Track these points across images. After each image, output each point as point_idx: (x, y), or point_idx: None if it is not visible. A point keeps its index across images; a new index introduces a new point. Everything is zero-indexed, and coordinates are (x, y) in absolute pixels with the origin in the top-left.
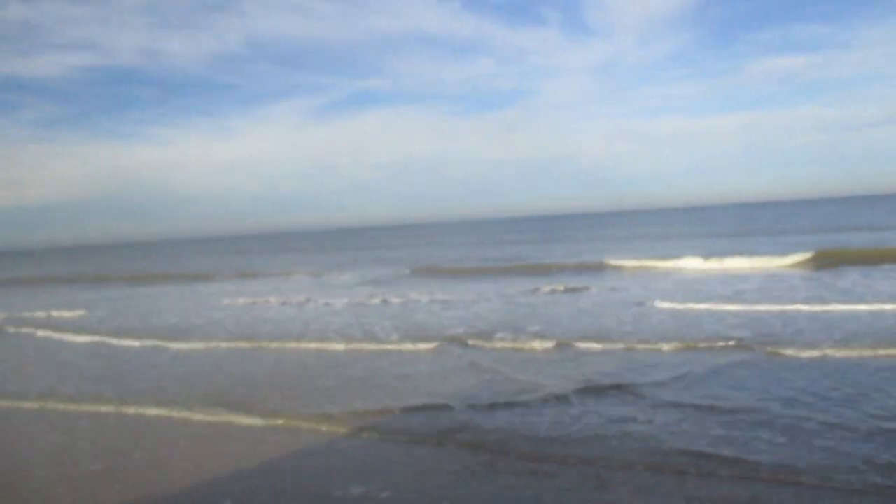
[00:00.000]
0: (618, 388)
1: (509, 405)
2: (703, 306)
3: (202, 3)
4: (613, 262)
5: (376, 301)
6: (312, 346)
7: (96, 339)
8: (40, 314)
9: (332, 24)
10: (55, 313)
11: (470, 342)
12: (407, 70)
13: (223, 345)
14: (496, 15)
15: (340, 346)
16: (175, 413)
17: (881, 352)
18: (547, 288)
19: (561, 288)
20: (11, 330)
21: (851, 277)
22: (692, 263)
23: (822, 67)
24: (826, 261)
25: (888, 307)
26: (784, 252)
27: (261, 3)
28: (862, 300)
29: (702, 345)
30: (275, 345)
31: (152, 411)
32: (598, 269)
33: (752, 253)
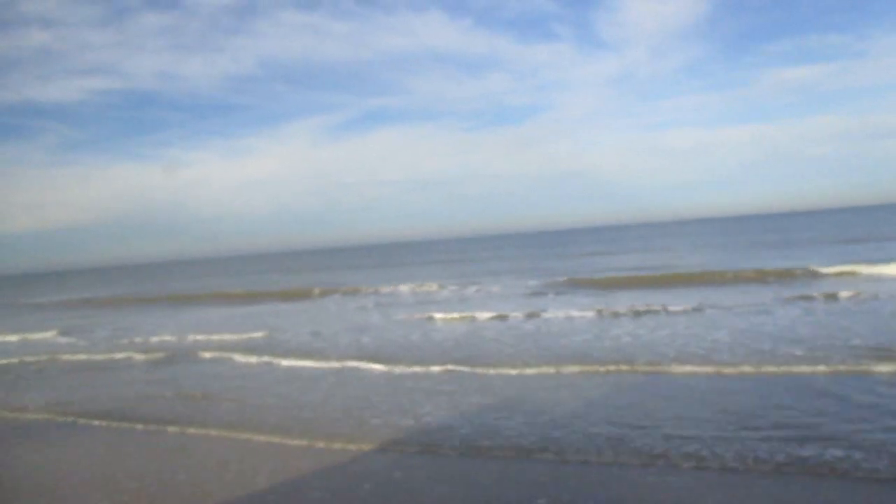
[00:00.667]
0: None
1: None
2: None
3: (218, 26)
4: (819, 268)
5: (621, 311)
6: (728, 370)
7: (356, 364)
8: (201, 337)
9: (346, 44)
10: (218, 337)
11: None
12: (420, 87)
13: (606, 369)
14: (508, 31)
15: (809, 369)
16: None
17: None
18: (818, 293)
19: (842, 293)
20: (207, 356)
21: None
22: None
23: (838, 77)
24: None
25: None
26: None
27: (275, 24)
28: None
29: None
30: (650, 368)
31: None
32: (814, 276)
33: None
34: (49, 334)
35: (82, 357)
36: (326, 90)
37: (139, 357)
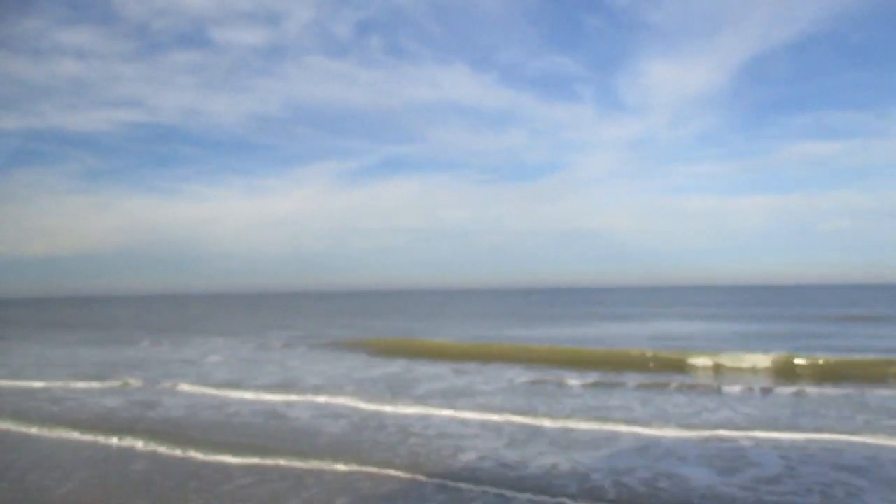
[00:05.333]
0: None
1: None
2: None
3: (246, 67)
4: None
5: None
6: None
7: None
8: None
9: (370, 92)
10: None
11: None
12: (440, 137)
13: None
14: (531, 89)
15: None
16: None
17: None
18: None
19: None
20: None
21: None
22: None
23: (856, 154)
24: None
25: None
26: None
27: (303, 69)
28: None
29: None
30: None
31: None
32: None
33: None
34: None
35: None
36: (347, 135)
37: None
